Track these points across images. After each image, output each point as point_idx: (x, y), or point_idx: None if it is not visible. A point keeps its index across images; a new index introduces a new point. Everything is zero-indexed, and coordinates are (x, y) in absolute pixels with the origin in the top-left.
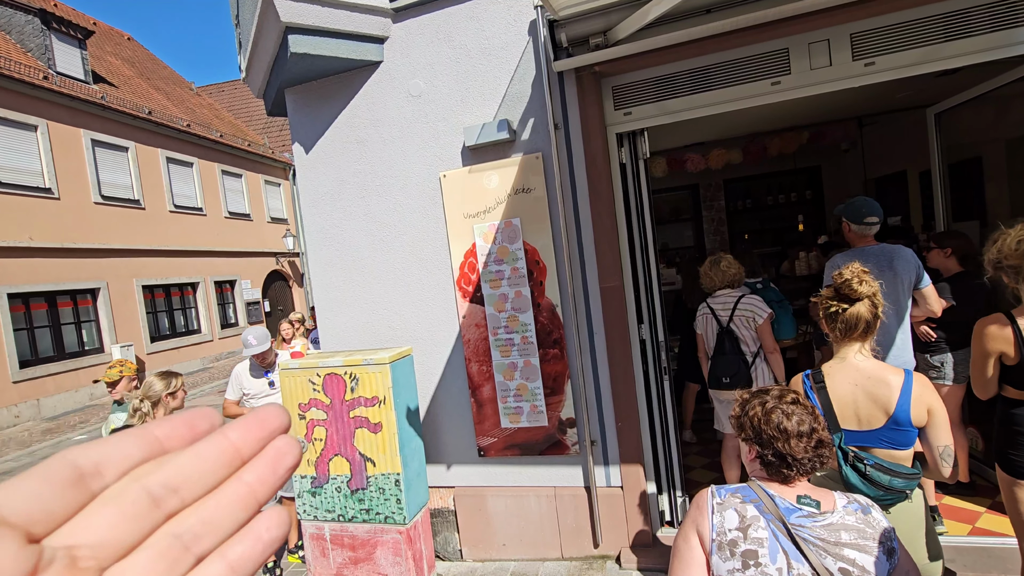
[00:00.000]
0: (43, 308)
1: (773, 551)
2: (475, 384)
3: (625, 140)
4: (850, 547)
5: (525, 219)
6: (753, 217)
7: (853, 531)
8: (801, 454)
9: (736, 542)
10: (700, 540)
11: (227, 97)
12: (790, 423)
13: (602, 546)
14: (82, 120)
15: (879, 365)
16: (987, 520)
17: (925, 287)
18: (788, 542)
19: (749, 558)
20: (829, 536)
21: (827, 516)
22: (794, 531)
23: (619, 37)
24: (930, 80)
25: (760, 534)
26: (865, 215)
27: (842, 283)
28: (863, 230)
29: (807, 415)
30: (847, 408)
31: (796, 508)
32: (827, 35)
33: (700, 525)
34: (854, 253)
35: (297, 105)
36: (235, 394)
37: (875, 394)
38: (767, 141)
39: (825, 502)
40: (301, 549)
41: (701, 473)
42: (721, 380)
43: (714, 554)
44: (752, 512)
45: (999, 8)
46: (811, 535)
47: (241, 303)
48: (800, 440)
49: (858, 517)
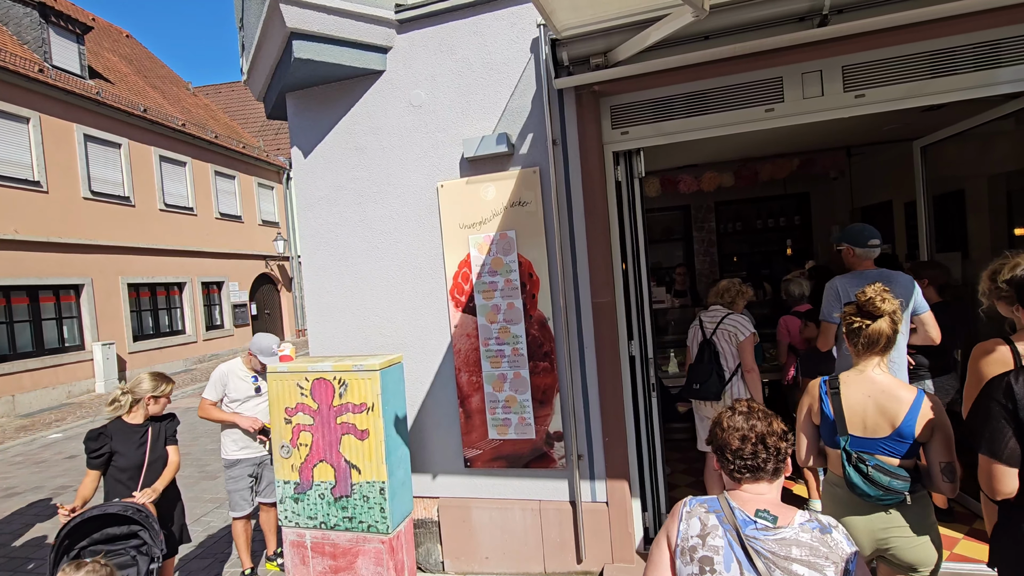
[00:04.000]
0: (24, 303)
1: (728, 560)
2: (464, 394)
3: (621, 159)
4: (799, 563)
5: (520, 232)
6: (743, 240)
7: (805, 548)
8: (736, 445)
9: (696, 548)
10: (668, 544)
11: (224, 99)
12: (733, 420)
13: (585, 562)
14: (76, 114)
15: (895, 381)
16: (965, 546)
17: (924, 313)
18: (741, 552)
19: (705, 564)
20: (779, 550)
21: (781, 531)
22: (747, 542)
23: (619, 58)
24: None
25: (717, 542)
26: (868, 238)
27: (866, 300)
28: (868, 252)
29: (756, 418)
30: (856, 416)
31: (752, 521)
32: (820, 66)
33: (670, 531)
34: (855, 276)
35: (298, 109)
36: (215, 395)
37: (885, 407)
38: (759, 166)
39: (783, 517)
40: (280, 557)
41: (685, 491)
42: (692, 386)
43: (677, 558)
44: (713, 521)
45: (982, 49)
46: (763, 547)
47: (228, 305)
48: (735, 432)
49: (814, 535)
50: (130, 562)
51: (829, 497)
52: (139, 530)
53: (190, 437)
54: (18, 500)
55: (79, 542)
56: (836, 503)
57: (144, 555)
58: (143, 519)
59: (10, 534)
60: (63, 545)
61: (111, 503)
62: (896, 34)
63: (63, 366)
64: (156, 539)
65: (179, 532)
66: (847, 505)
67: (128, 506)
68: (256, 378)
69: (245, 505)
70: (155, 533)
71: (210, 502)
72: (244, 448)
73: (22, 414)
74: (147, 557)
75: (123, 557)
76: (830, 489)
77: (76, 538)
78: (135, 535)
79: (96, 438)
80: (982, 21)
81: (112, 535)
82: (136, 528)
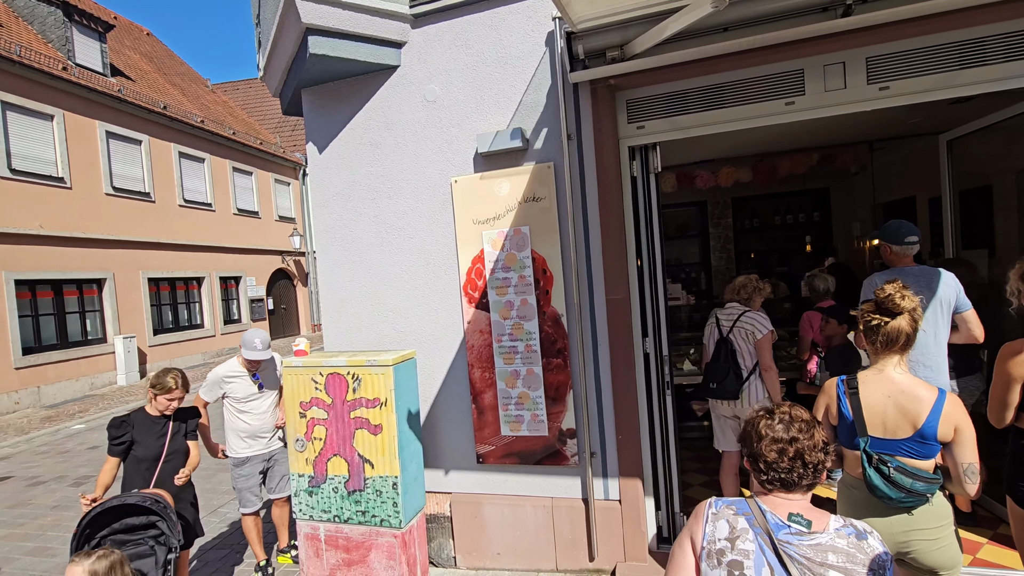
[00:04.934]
0: (49, 296)
1: (758, 564)
2: (477, 390)
3: (637, 154)
4: (836, 569)
5: (534, 228)
6: (760, 236)
7: (841, 554)
8: (772, 458)
9: (724, 551)
10: (692, 547)
11: (241, 95)
12: (772, 429)
13: (597, 560)
14: (98, 112)
15: (914, 381)
16: (988, 551)
17: (966, 311)
18: (774, 557)
19: (734, 568)
20: (815, 556)
21: (816, 536)
22: (780, 547)
23: (636, 51)
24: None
25: (747, 546)
26: (905, 235)
27: (884, 298)
28: (905, 250)
29: (797, 429)
30: (876, 416)
31: (785, 525)
32: (843, 58)
33: (694, 532)
34: (894, 272)
35: (313, 105)
36: (211, 396)
37: (906, 408)
38: (777, 161)
39: (817, 522)
40: (293, 549)
41: (699, 491)
42: (709, 385)
43: (703, 561)
44: (743, 524)
45: (1016, 38)
46: (797, 553)
47: (245, 300)
48: (774, 444)
49: (850, 541)
50: (148, 552)
51: (845, 499)
52: (157, 520)
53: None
54: (43, 488)
55: (100, 531)
56: (853, 505)
57: (162, 545)
58: (161, 510)
59: (33, 518)
60: (84, 534)
61: (130, 494)
62: (924, 23)
63: (86, 359)
64: (174, 530)
65: (194, 524)
66: (864, 507)
67: (147, 497)
68: (257, 376)
69: (256, 501)
70: (172, 524)
71: (226, 493)
72: (252, 445)
73: (47, 405)
74: (165, 547)
75: (142, 547)
76: (846, 491)
77: (97, 527)
78: (153, 525)
79: (119, 426)
80: (1016, 9)
81: (131, 525)
82: (154, 519)
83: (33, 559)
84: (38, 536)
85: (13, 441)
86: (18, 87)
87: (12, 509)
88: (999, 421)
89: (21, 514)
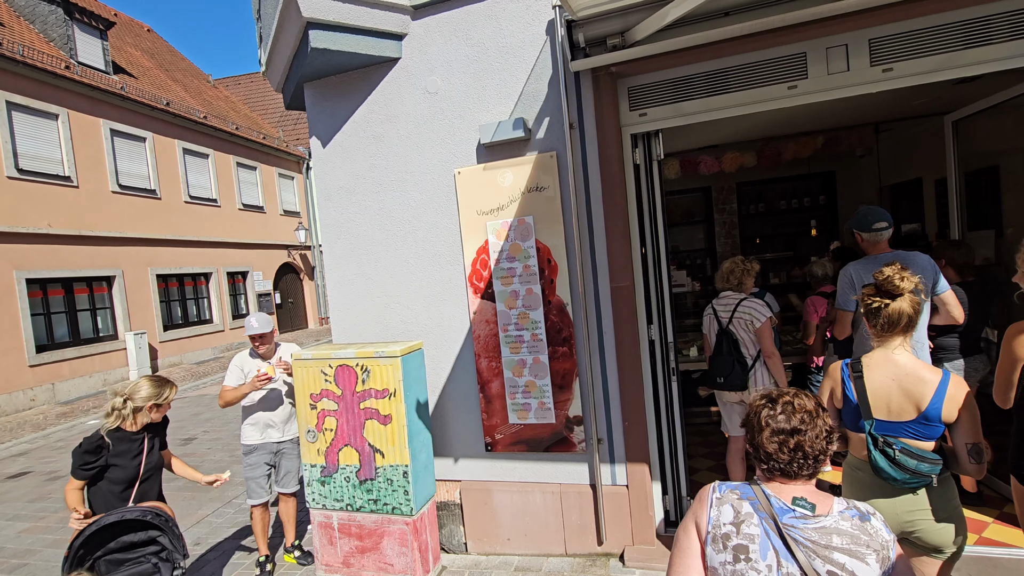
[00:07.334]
0: (60, 294)
1: (764, 548)
2: (484, 379)
3: (640, 141)
4: (841, 551)
5: (538, 217)
6: (765, 221)
7: (846, 536)
8: (772, 450)
9: (729, 536)
10: (697, 531)
11: (243, 90)
12: (773, 420)
13: (606, 544)
14: (102, 110)
15: (918, 363)
16: (994, 530)
17: (944, 292)
18: (779, 541)
19: (740, 552)
20: (820, 539)
21: (820, 519)
22: (785, 531)
23: (637, 38)
24: (948, 87)
25: (752, 530)
26: (872, 222)
27: (884, 280)
28: (874, 237)
29: (798, 419)
30: (880, 399)
31: (790, 509)
32: (845, 40)
33: (699, 517)
34: (868, 261)
35: (315, 99)
36: (235, 380)
37: (910, 390)
38: (782, 145)
39: (821, 506)
40: (297, 549)
41: (706, 475)
42: (716, 380)
43: (708, 545)
44: (747, 509)
45: (1019, 17)
46: (802, 536)
47: (253, 294)
48: (774, 436)
49: (854, 523)
50: (151, 570)
51: (850, 481)
52: (158, 535)
53: (220, 423)
54: (61, 483)
55: (94, 552)
56: (858, 487)
57: (166, 561)
58: (163, 524)
59: (54, 511)
60: (77, 556)
61: (128, 508)
62: (926, 3)
63: (99, 355)
64: (178, 543)
65: None
66: (870, 489)
67: (147, 511)
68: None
69: (262, 493)
70: (176, 538)
71: (240, 485)
72: (263, 434)
73: (62, 401)
74: (169, 564)
75: (144, 565)
76: (851, 473)
77: (91, 548)
78: (154, 541)
79: (95, 450)
80: None
81: (129, 543)
82: (155, 534)
83: (55, 551)
84: (59, 528)
85: (31, 437)
86: (23, 87)
87: (33, 503)
88: (1005, 401)
89: (42, 508)
